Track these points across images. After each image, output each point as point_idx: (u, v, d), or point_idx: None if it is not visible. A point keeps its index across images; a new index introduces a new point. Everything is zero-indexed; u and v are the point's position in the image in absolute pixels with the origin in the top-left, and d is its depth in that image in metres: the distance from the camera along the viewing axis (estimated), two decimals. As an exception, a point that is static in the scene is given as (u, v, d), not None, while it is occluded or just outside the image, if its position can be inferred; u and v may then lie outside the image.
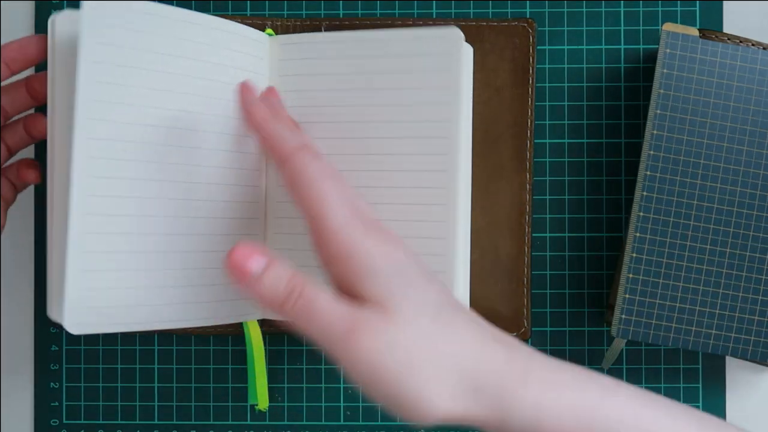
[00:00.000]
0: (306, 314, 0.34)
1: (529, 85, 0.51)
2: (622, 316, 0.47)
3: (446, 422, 0.34)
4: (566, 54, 0.52)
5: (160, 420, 0.52)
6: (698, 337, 0.47)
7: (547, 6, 0.52)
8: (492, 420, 0.34)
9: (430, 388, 0.33)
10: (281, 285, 0.34)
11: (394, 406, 0.34)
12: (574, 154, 0.52)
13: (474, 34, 0.50)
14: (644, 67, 0.52)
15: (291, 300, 0.34)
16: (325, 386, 0.52)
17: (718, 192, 0.47)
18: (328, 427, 0.52)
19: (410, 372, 0.33)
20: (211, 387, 0.52)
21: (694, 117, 0.47)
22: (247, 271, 0.34)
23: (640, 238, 0.47)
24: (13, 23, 0.52)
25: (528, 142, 0.51)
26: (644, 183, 0.47)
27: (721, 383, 0.52)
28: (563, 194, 0.52)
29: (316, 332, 0.34)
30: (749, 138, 0.47)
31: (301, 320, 0.34)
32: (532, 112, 0.51)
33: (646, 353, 0.52)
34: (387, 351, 0.33)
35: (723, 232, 0.47)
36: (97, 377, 0.52)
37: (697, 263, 0.47)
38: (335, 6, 0.52)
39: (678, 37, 0.47)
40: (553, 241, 0.52)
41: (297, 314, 0.34)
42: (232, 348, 0.52)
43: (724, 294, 0.47)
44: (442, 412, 0.33)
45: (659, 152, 0.47)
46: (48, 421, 0.52)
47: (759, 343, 0.47)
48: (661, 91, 0.47)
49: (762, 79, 0.47)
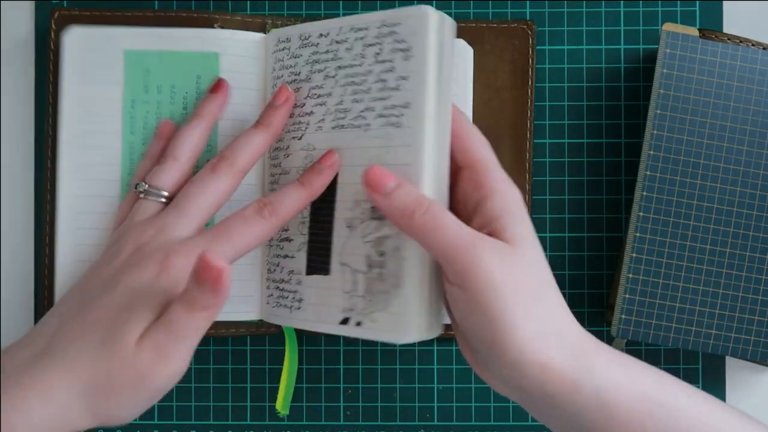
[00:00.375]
0: (432, 226, 0.38)
1: (528, 86, 0.51)
2: (622, 316, 0.47)
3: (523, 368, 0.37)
4: (566, 54, 0.52)
5: (159, 420, 0.52)
6: (698, 337, 0.47)
7: (547, 6, 0.52)
8: (567, 379, 0.37)
9: (527, 324, 0.37)
10: (411, 198, 0.38)
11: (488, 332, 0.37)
12: (574, 154, 0.52)
13: (474, 35, 0.50)
14: (644, 67, 0.52)
15: (419, 211, 0.38)
16: (325, 386, 0.52)
17: (718, 192, 0.47)
18: (328, 427, 0.52)
19: (516, 301, 0.37)
20: (211, 387, 0.52)
21: (694, 117, 0.47)
22: (382, 185, 0.39)
23: (640, 238, 0.47)
24: (13, 23, 0.52)
25: (528, 143, 0.51)
26: (644, 183, 0.47)
27: (721, 383, 0.52)
28: (563, 194, 0.52)
29: (440, 243, 0.37)
30: (749, 138, 0.47)
31: (426, 231, 0.38)
32: (532, 112, 0.51)
33: (646, 353, 0.52)
34: (506, 273, 0.37)
35: (723, 232, 0.47)
36: (97, 377, 0.52)
37: (697, 263, 0.47)
38: (335, 6, 0.52)
39: (678, 37, 0.47)
40: (553, 241, 0.52)
41: (423, 225, 0.38)
42: (232, 348, 0.52)
43: (724, 294, 0.47)
44: (529, 354, 0.37)
45: (659, 152, 0.47)
46: (48, 421, 0.52)
47: (759, 343, 0.47)
48: (661, 91, 0.47)
49: (762, 79, 0.47)
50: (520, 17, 0.52)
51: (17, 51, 0.52)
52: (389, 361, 0.52)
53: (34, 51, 0.52)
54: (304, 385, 0.52)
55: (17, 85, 0.52)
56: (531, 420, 0.52)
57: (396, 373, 0.52)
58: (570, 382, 0.37)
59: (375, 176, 0.39)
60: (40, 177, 0.52)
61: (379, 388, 0.52)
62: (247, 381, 0.52)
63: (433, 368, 0.52)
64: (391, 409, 0.52)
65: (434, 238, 0.38)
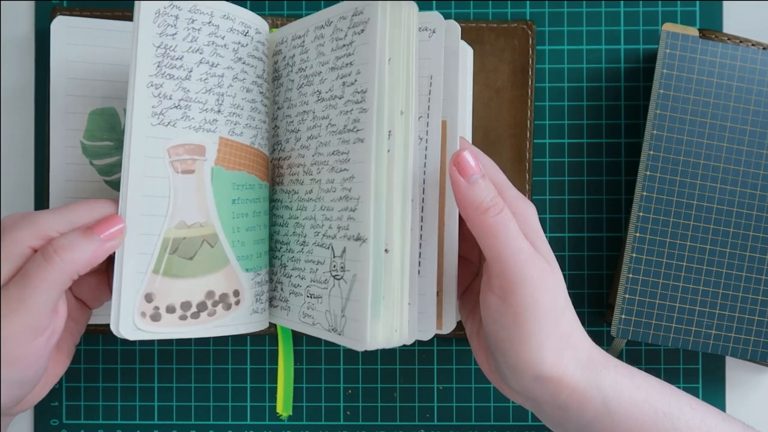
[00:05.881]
0: (500, 228, 0.39)
1: (528, 87, 0.51)
2: (622, 316, 0.47)
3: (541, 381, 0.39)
4: (566, 54, 0.52)
5: (159, 420, 0.52)
6: (698, 337, 0.47)
7: (547, 6, 0.52)
8: (578, 391, 0.39)
9: (551, 341, 0.39)
10: (489, 195, 0.39)
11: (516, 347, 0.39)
12: (574, 154, 0.52)
13: (474, 35, 0.50)
14: (644, 67, 0.52)
15: (493, 210, 0.39)
16: (325, 386, 0.52)
17: (717, 192, 0.47)
18: (328, 427, 0.52)
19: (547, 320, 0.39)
20: (210, 387, 0.52)
21: (694, 117, 0.47)
22: (470, 172, 0.39)
23: (640, 238, 0.47)
24: (13, 23, 0.52)
25: (527, 143, 0.51)
26: (644, 183, 0.47)
27: (721, 383, 0.52)
28: (563, 194, 0.52)
29: (499, 249, 0.39)
30: (749, 138, 0.47)
31: (491, 232, 0.39)
32: (532, 113, 0.51)
33: (646, 353, 0.52)
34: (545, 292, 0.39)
35: (723, 232, 0.47)
36: (97, 377, 0.52)
37: (696, 263, 0.47)
38: (335, 6, 0.52)
39: (678, 37, 0.47)
40: (553, 241, 0.52)
41: (492, 225, 0.39)
42: (232, 348, 0.52)
43: (724, 294, 0.47)
44: (548, 370, 0.39)
45: (659, 152, 0.47)
46: (48, 421, 0.52)
47: (759, 343, 0.47)
48: (661, 91, 0.47)
49: (762, 79, 0.47)
50: (520, 17, 0.52)
51: (17, 51, 0.52)
52: (389, 361, 0.52)
53: (34, 51, 0.52)
54: (304, 385, 0.52)
55: (17, 85, 0.52)
56: (531, 420, 0.52)
57: (396, 373, 0.52)
58: (580, 394, 0.39)
59: (465, 161, 0.39)
60: (40, 177, 0.52)
61: (379, 388, 0.52)
62: (247, 381, 0.52)
63: (433, 368, 0.52)
64: (391, 409, 0.52)
65: (496, 241, 0.39)
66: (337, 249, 0.40)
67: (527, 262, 0.39)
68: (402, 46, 0.39)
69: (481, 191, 0.39)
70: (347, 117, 0.40)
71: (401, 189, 0.39)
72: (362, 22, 0.39)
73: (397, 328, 0.39)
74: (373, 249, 0.38)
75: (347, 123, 0.40)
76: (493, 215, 0.39)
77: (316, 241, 0.42)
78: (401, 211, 0.39)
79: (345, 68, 0.41)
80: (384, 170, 0.39)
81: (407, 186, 0.39)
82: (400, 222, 0.39)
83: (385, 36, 0.39)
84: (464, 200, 0.39)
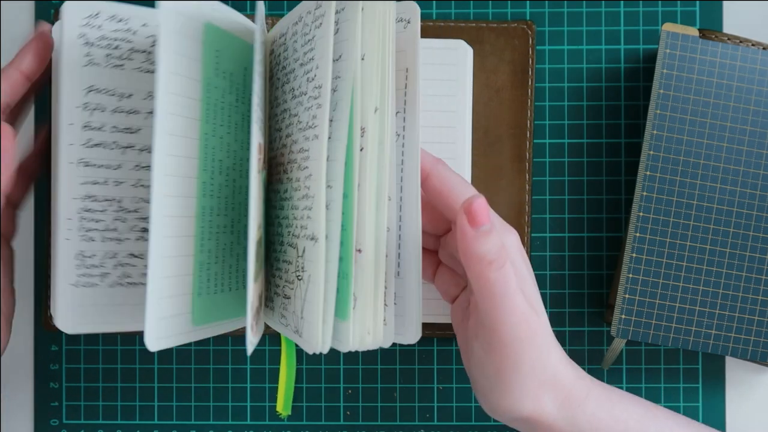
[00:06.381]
0: (500, 285, 0.38)
1: (528, 87, 0.51)
2: (621, 316, 0.47)
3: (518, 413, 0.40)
4: (566, 54, 0.52)
5: (159, 420, 0.52)
6: (698, 337, 0.47)
7: (547, 6, 0.52)
8: (555, 428, 0.40)
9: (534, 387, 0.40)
10: (495, 248, 0.37)
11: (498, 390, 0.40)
12: (574, 154, 0.52)
13: (474, 35, 0.50)
14: (644, 67, 0.52)
15: (497, 264, 0.38)
16: (325, 386, 0.52)
17: (717, 192, 0.47)
18: (328, 427, 0.52)
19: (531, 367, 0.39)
20: (210, 387, 0.52)
21: (694, 117, 0.47)
22: (481, 222, 0.37)
23: (640, 238, 0.47)
24: (13, 23, 0.52)
25: (527, 143, 0.51)
26: (644, 183, 0.47)
27: (721, 383, 0.52)
28: (563, 194, 0.52)
29: (497, 307, 0.38)
30: (749, 138, 0.47)
31: (492, 286, 0.38)
32: (532, 113, 0.51)
33: (646, 353, 0.52)
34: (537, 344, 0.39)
35: (723, 232, 0.47)
36: (97, 377, 0.52)
37: (696, 263, 0.47)
38: (335, 6, 0.52)
39: (678, 37, 0.47)
40: (552, 241, 0.52)
41: (493, 280, 0.38)
42: (232, 348, 0.52)
43: (724, 294, 0.47)
44: (527, 411, 0.40)
45: (659, 152, 0.47)
46: (48, 421, 0.52)
47: (759, 343, 0.47)
48: (661, 91, 0.47)
49: (762, 79, 0.47)
50: (520, 17, 0.52)
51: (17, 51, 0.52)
52: (389, 361, 0.52)
53: (34, 51, 0.52)
54: (304, 385, 0.52)
55: (17, 85, 0.52)
56: (531, 420, 0.52)
57: (396, 373, 0.52)
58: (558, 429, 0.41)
59: (478, 211, 0.37)
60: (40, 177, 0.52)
61: (379, 388, 0.52)
62: (247, 381, 0.52)
63: (433, 368, 0.52)
64: (391, 409, 0.52)
65: (493, 298, 0.38)
66: (299, 249, 0.39)
67: (519, 324, 0.38)
68: (377, 40, 0.38)
69: (488, 244, 0.37)
70: (308, 113, 0.39)
71: (374, 188, 0.38)
72: (320, 15, 0.38)
73: (370, 331, 0.38)
74: (325, 248, 0.36)
75: (308, 119, 0.39)
76: (495, 269, 0.37)
77: (288, 241, 0.41)
78: (375, 210, 0.38)
79: (309, 64, 0.39)
80: (355, 169, 0.37)
81: (383, 184, 0.38)
82: (374, 221, 0.38)
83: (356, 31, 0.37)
84: (469, 250, 0.37)
